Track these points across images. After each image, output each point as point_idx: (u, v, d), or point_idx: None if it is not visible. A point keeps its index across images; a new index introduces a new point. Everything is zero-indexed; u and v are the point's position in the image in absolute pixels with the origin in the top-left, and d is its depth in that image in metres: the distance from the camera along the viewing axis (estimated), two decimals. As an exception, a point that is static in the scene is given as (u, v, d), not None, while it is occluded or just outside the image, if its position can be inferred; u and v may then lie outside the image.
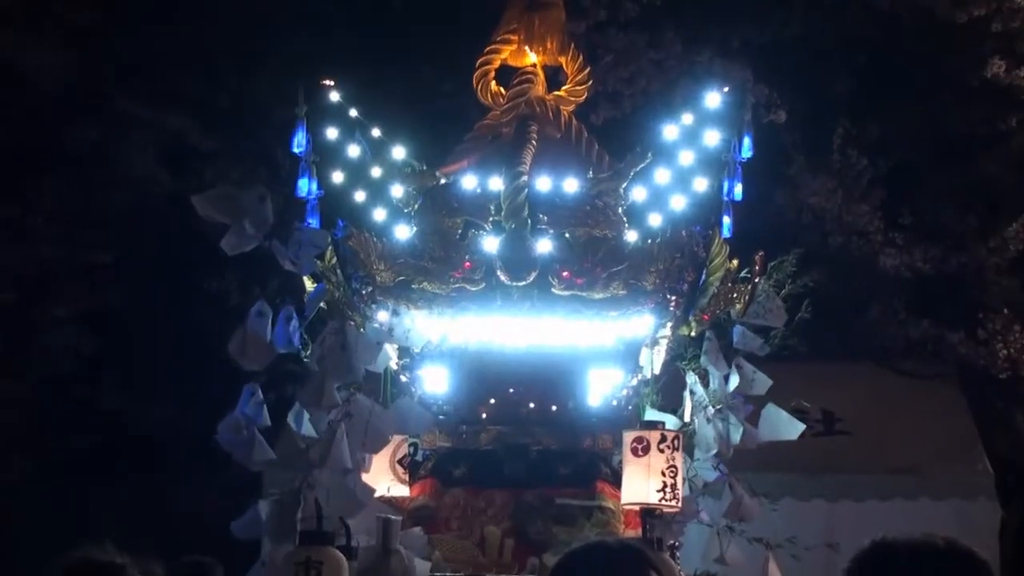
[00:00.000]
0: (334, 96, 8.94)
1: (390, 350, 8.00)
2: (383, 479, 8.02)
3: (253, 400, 7.56)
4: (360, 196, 8.89)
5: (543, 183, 8.36)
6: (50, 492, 12.91)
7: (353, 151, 8.86)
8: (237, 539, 7.55)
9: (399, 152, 8.80)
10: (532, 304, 8.13)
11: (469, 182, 8.48)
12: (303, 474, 7.11)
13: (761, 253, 8.27)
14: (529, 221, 8.17)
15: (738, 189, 8.51)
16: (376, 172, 8.87)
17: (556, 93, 9.15)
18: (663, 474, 7.60)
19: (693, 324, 8.35)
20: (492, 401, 8.25)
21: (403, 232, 8.38)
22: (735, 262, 8.32)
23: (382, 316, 8.02)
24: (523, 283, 8.08)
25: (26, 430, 12.99)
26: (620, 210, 8.55)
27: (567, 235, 8.29)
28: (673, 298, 8.20)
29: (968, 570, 3.47)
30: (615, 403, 8.27)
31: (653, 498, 7.60)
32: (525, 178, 8.29)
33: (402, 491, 8.09)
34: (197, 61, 12.99)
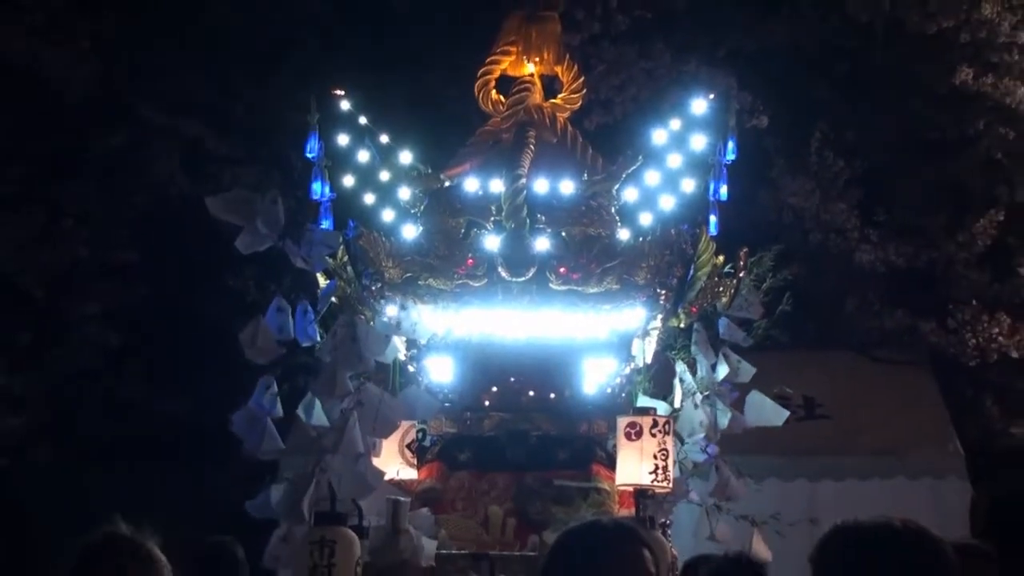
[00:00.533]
0: (344, 104, 8.95)
1: (398, 342, 8.02)
2: (393, 463, 8.04)
3: (268, 392, 7.58)
4: (369, 198, 8.91)
5: (541, 185, 8.39)
6: (76, 479, 12.91)
7: (362, 156, 8.88)
8: (255, 521, 7.57)
9: (406, 157, 8.82)
10: (531, 298, 8.16)
11: (471, 184, 8.51)
12: (315, 459, 7.13)
13: (745, 250, 8.30)
14: (528, 221, 8.20)
15: (723, 190, 8.54)
16: (384, 175, 8.89)
17: (552, 101, 9.17)
18: (655, 457, 7.64)
19: (682, 316, 8.37)
20: (494, 390, 8.28)
21: (410, 232, 8.40)
22: (721, 258, 8.34)
23: (391, 311, 8.04)
24: (522, 279, 8.11)
25: (54, 420, 12.99)
26: (613, 210, 8.58)
27: (563, 234, 8.32)
28: (663, 292, 8.23)
29: (924, 548, 3.47)
30: (609, 391, 8.29)
31: (646, 479, 7.64)
32: (524, 180, 8.31)
33: (410, 474, 8.11)
34: (213, 71, 13.00)
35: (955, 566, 3.44)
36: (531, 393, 8.26)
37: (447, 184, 8.64)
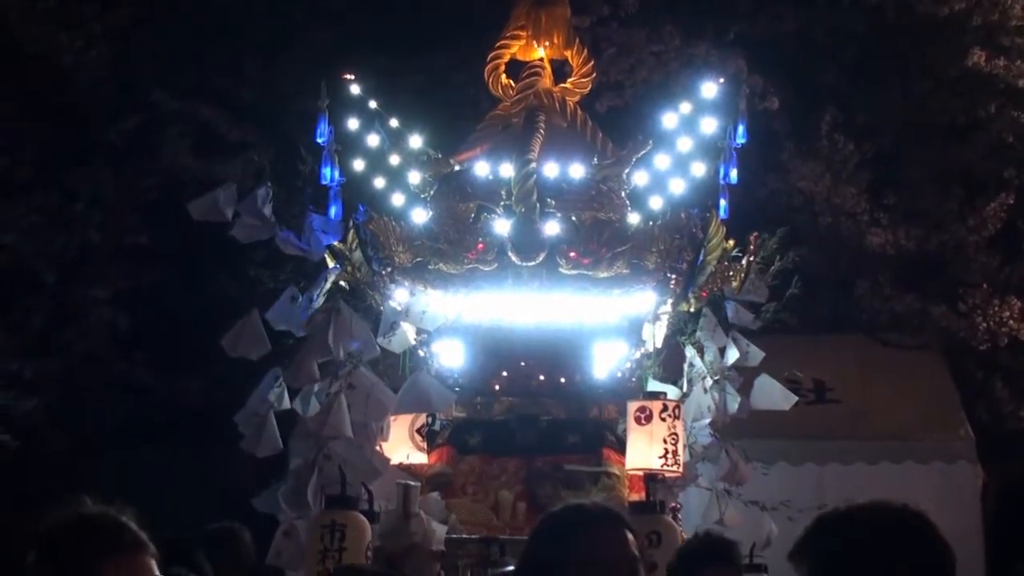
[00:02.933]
0: (354, 89, 8.95)
1: (409, 329, 8.02)
2: (403, 447, 8.07)
3: (276, 385, 7.58)
4: (379, 182, 8.91)
5: (551, 169, 8.38)
6: (87, 462, 12.92)
7: (372, 140, 8.88)
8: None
9: (415, 141, 8.81)
10: (541, 283, 8.16)
11: (481, 169, 8.50)
12: (316, 447, 7.14)
13: (755, 234, 8.29)
14: (538, 205, 8.19)
15: (733, 173, 8.53)
16: (394, 160, 8.89)
17: (562, 85, 9.16)
18: (665, 441, 7.64)
19: (692, 301, 8.37)
20: (504, 374, 8.28)
21: (420, 216, 8.40)
22: (731, 242, 8.33)
23: (401, 295, 8.05)
24: (532, 263, 8.10)
25: (66, 403, 13.00)
26: (623, 194, 8.57)
27: (574, 218, 8.31)
28: (673, 276, 8.23)
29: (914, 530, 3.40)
30: (619, 375, 8.30)
31: (655, 464, 7.65)
32: (534, 165, 8.30)
33: (421, 459, 8.13)
34: (225, 56, 12.99)
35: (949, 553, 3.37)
36: (541, 377, 8.27)
37: (457, 168, 8.63)
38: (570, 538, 3.65)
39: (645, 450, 7.68)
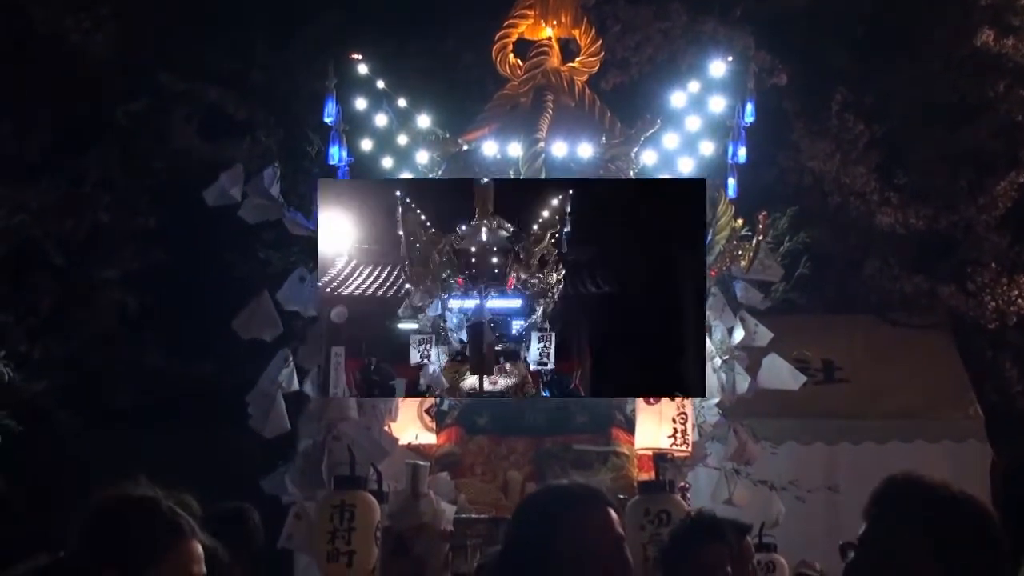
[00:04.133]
0: (362, 69, 8.93)
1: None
2: (411, 428, 8.05)
3: (286, 366, 7.58)
4: (387, 162, 8.90)
5: (559, 148, 8.35)
6: (96, 445, 12.92)
7: (380, 120, 8.86)
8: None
9: (423, 121, 8.80)
10: (550, 263, 8.12)
11: (490, 148, 8.47)
12: (326, 427, 7.13)
13: (764, 213, 8.25)
14: (546, 185, 8.16)
15: (742, 152, 8.48)
16: (402, 140, 8.88)
17: (570, 64, 9.14)
18: (674, 421, 7.62)
19: (701, 280, 8.33)
20: (513, 353, 8.25)
21: (428, 196, 8.36)
22: (740, 221, 8.29)
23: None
24: (542, 243, 8.06)
25: (76, 385, 13.01)
26: (631, 173, 8.53)
27: (582, 197, 8.27)
28: (682, 256, 8.19)
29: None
30: (629, 355, 8.26)
31: (664, 443, 7.62)
32: (542, 144, 8.28)
33: (430, 439, 8.11)
34: (232, 37, 12.98)
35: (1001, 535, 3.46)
36: (551, 358, 8.24)
37: (465, 148, 8.61)
38: (554, 519, 3.62)
39: (654, 430, 7.67)
